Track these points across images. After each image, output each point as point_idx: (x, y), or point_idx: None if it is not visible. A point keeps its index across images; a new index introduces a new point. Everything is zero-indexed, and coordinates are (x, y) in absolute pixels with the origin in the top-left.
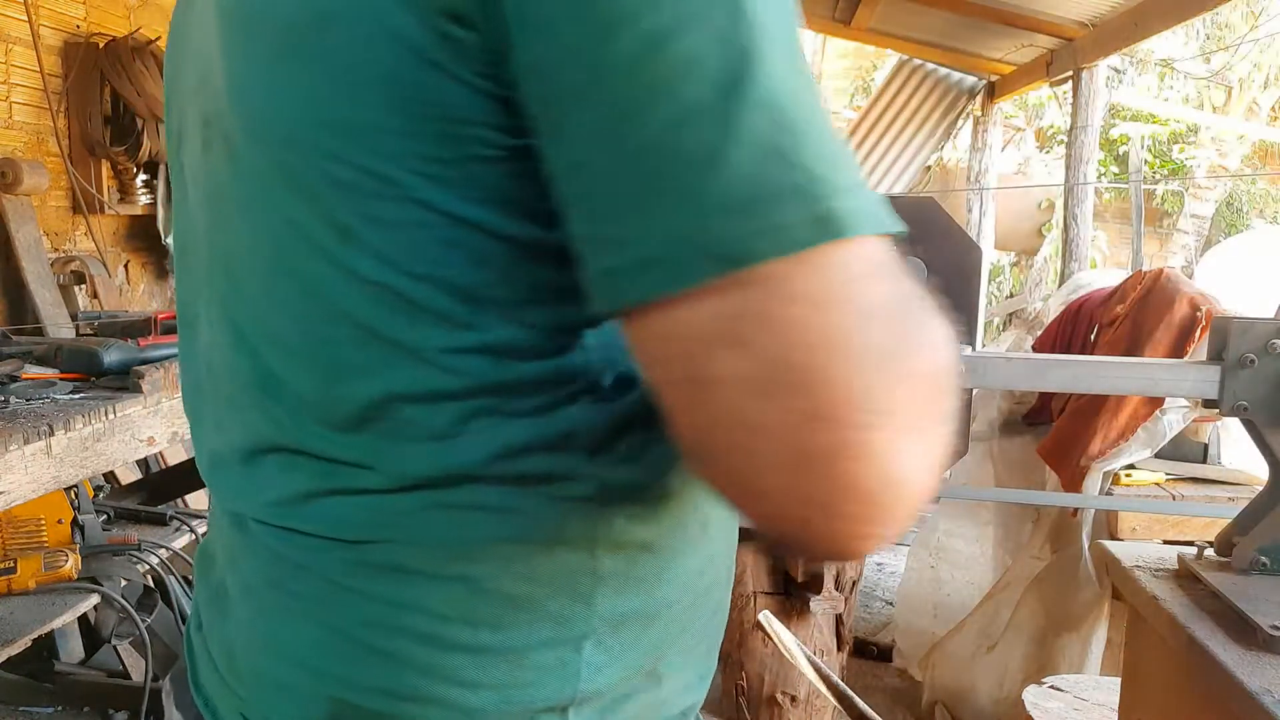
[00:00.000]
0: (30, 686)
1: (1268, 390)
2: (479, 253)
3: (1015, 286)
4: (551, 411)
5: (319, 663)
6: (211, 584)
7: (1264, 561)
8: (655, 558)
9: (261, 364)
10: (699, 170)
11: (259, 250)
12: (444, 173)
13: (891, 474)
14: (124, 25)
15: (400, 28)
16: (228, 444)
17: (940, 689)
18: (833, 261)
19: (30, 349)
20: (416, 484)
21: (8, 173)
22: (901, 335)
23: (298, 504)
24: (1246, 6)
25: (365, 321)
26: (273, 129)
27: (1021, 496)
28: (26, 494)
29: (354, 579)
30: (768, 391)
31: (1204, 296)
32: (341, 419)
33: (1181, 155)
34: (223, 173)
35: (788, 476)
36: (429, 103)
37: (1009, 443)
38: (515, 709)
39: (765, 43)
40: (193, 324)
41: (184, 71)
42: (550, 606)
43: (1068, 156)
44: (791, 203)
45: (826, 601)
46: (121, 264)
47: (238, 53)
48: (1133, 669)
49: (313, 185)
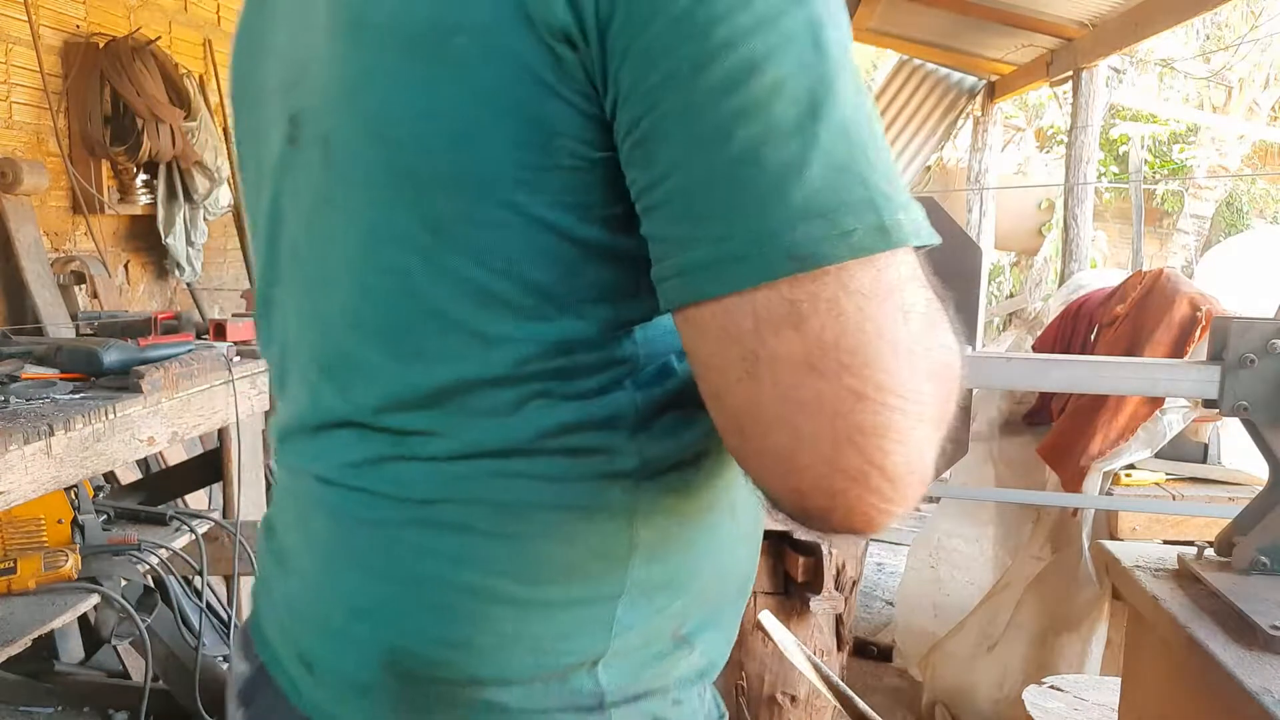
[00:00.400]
0: (30, 686)
1: (1268, 390)
2: (553, 253)
3: (1015, 286)
4: (600, 396)
5: (379, 612)
6: (274, 549)
7: (1264, 561)
8: (686, 531)
9: (341, 347)
10: (783, 181)
11: (350, 241)
12: (535, 179)
13: (914, 457)
14: (124, 25)
15: (518, 47)
16: (301, 416)
17: (940, 689)
18: (888, 264)
19: (30, 349)
20: (477, 453)
21: (8, 173)
22: (931, 335)
23: (368, 467)
24: (1246, 6)
25: (448, 312)
26: (386, 131)
27: (1021, 496)
28: (26, 494)
29: (417, 535)
30: (822, 369)
31: (1204, 296)
32: (414, 398)
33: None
34: (314, 167)
35: (827, 451)
36: (533, 115)
37: (1009, 443)
38: (549, 660)
39: (838, 71)
40: (268, 306)
41: (261, 69)
42: (589, 568)
43: (1068, 156)
44: (859, 213)
45: (826, 601)
46: (121, 264)
47: (354, 59)
48: (1133, 669)
49: (416, 184)
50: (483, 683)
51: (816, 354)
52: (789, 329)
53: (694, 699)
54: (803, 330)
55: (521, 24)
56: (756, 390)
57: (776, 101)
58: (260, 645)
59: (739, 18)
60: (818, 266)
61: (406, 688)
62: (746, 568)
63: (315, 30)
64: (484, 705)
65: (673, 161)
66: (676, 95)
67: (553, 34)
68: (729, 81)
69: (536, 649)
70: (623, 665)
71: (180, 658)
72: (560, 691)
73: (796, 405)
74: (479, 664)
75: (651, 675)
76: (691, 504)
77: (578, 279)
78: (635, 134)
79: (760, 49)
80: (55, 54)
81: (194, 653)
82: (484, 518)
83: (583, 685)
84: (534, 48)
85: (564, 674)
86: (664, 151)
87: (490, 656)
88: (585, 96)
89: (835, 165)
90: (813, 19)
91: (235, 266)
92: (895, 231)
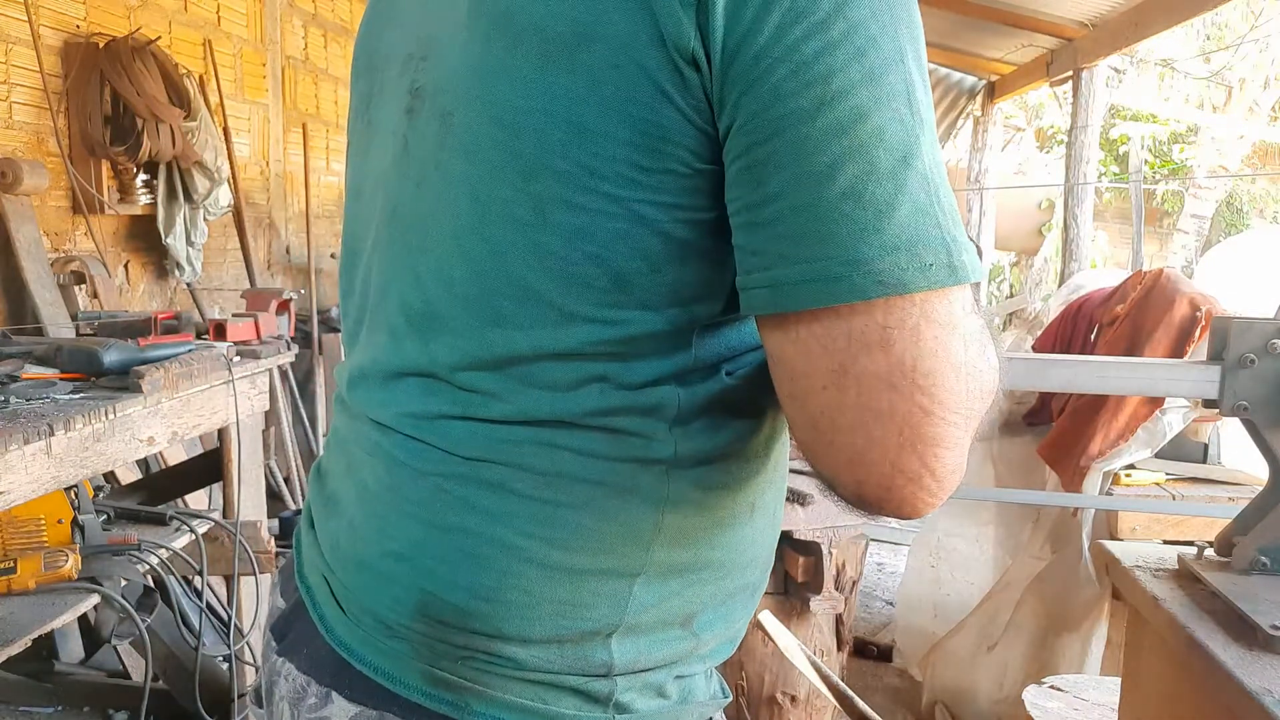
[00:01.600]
0: (30, 686)
1: (1268, 390)
2: (642, 247)
3: (1015, 286)
4: (651, 387)
5: (417, 557)
6: (324, 494)
7: (1264, 561)
8: (706, 524)
9: (430, 303)
10: (878, 216)
11: (455, 210)
12: (641, 177)
13: (958, 461)
14: (124, 25)
15: (647, 61)
16: (376, 362)
17: (940, 689)
18: (955, 297)
19: (30, 349)
20: (526, 420)
21: (8, 173)
22: (982, 358)
23: (429, 420)
24: (1246, 6)
25: (534, 285)
26: (510, 118)
27: (1021, 496)
28: (26, 494)
29: (461, 488)
30: (900, 387)
31: (1204, 296)
32: (488, 359)
33: (1181, 155)
34: (428, 139)
35: (893, 454)
36: (651, 122)
37: (1009, 443)
38: (568, 624)
39: (923, 127)
40: (355, 257)
41: (389, 39)
42: (614, 544)
43: (1068, 156)
44: (936, 250)
45: (826, 601)
46: (121, 264)
47: (491, 49)
48: (1133, 669)
49: (528, 167)
50: (506, 638)
51: (898, 374)
52: (879, 350)
53: (699, 678)
54: (889, 352)
55: (654, 42)
56: (840, 398)
57: (877, 147)
58: (300, 581)
59: (852, 71)
60: (900, 294)
61: (433, 633)
62: (759, 570)
63: (452, 14)
64: (501, 660)
65: (782, 187)
66: (794, 131)
67: (681, 55)
68: (839, 125)
69: (558, 612)
70: (634, 641)
71: (180, 658)
72: (574, 655)
73: (873, 414)
74: (504, 619)
75: (659, 655)
76: (715, 499)
77: (659, 275)
78: (748, 158)
79: (867, 100)
80: (55, 54)
81: (194, 653)
82: (525, 481)
83: (595, 653)
84: (662, 64)
85: (579, 640)
86: (775, 177)
87: (516, 613)
88: (700, 113)
89: (918, 208)
90: (908, 80)
91: (235, 266)
92: (961, 270)
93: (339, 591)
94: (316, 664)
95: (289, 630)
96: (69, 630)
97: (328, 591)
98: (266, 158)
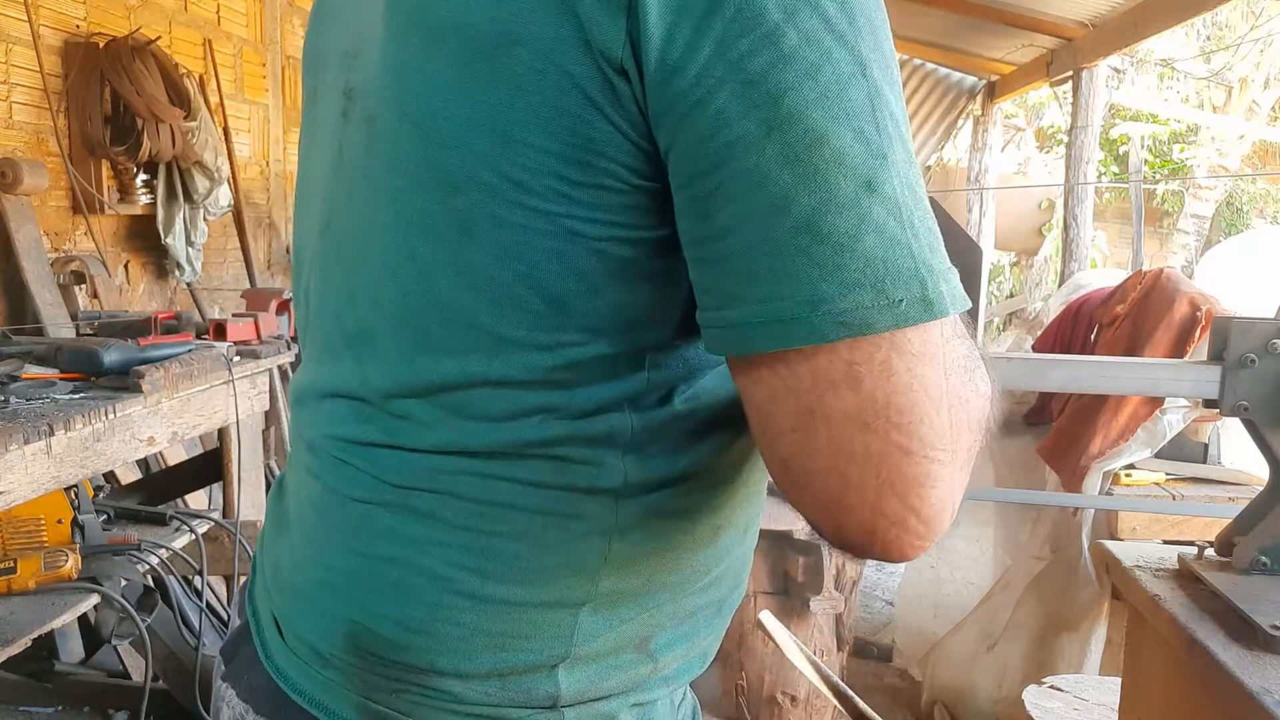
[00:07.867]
0: (30, 686)
1: (1268, 390)
2: (578, 267)
3: (1015, 286)
4: (599, 415)
5: (345, 586)
6: (280, 509)
7: (1264, 561)
8: (662, 549)
9: (362, 322)
10: (838, 251)
11: (380, 222)
12: (573, 192)
13: (946, 499)
14: (124, 25)
15: (573, 67)
16: (315, 381)
17: (940, 689)
18: (933, 330)
19: (30, 349)
20: (458, 451)
21: (8, 173)
22: (967, 386)
23: (360, 447)
24: (1246, 6)
25: (464, 308)
26: (432, 124)
27: (1021, 496)
28: (26, 494)
29: (389, 516)
30: (873, 426)
31: (1204, 296)
32: (419, 386)
33: (1181, 155)
34: (357, 145)
35: (871, 496)
36: (580, 133)
37: (1009, 443)
38: (508, 657)
39: (892, 144)
40: (300, 267)
41: (329, 34)
42: (556, 574)
43: (1068, 156)
44: (907, 284)
45: (826, 601)
46: (121, 264)
47: (410, 48)
48: (1133, 669)
49: (453, 180)
50: (441, 672)
51: (869, 413)
52: (846, 388)
53: (660, 704)
54: (858, 390)
55: (580, 48)
56: (809, 441)
57: (835, 173)
58: (249, 602)
59: (805, 89)
60: (864, 335)
61: (365, 665)
62: (727, 585)
63: (375, 7)
64: (437, 693)
65: (731, 221)
66: (742, 160)
67: (610, 64)
68: (792, 152)
69: (496, 645)
70: (584, 670)
71: (180, 658)
72: (516, 688)
73: (847, 457)
74: (437, 652)
75: (614, 682)
76: (672, 525)
77: (598, 297)
78: (693, 189)
79: (823, 121)
80: (55, 54)
81: (194, 653)
82: (456, 510)
83: (540, 685)
84: (590, 72)
85: (522, 673)
86: (724, 211)
87: (450, 646)
88: (635, 127)
89: (886, 238)
90: (873, 92)
91: (235, 266)
92: (938, 304)
93: (280, 616)
94: (255, 692)
95: (235, 654)
96: (69, 630)
97: (270, 614)
98: (266, 158)
